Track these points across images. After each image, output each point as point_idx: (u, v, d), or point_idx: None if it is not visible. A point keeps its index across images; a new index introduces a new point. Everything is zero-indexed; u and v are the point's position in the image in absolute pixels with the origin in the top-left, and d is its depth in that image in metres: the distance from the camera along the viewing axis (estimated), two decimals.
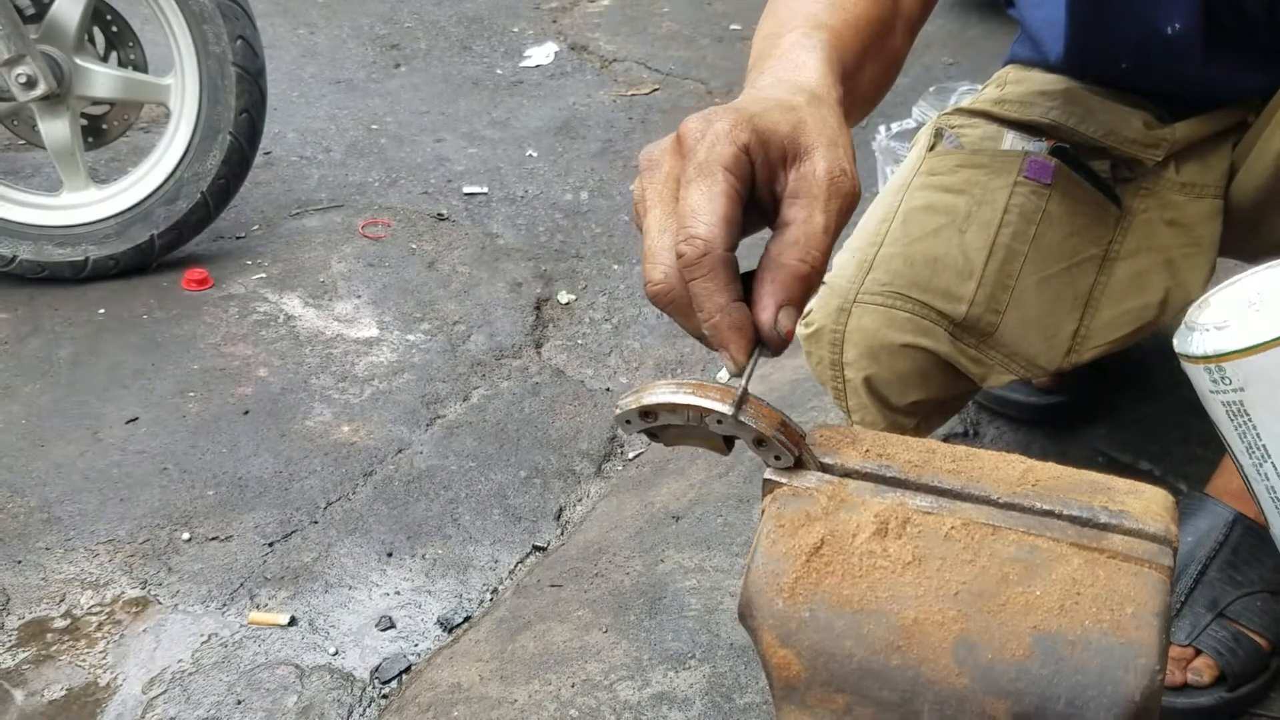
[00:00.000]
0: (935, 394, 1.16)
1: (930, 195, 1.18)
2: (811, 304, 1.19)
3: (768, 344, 0.65)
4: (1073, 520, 0.61)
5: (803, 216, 0.63)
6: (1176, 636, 1.10)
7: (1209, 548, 1.12)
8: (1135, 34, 1.13)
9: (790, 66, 0.73)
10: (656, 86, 3.12)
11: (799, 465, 0.66)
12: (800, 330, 1.20)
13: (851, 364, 1.15)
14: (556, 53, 3.36)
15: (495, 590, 1.56)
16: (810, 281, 0.64)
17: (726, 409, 0.65)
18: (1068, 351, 1.17)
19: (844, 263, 1.17)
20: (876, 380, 1.14)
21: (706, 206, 0.61)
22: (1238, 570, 1.11)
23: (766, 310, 0.63)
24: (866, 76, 0.88)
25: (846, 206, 0.65)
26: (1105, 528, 0.60)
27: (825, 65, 0.74)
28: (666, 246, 0.63)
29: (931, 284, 1.12)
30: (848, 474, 0.66)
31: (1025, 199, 1.16)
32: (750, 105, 0.66)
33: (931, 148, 1.24)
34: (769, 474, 0.67)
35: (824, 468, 0.66)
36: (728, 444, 0.70)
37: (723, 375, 0.66)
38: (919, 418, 1.19)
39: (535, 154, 2.77)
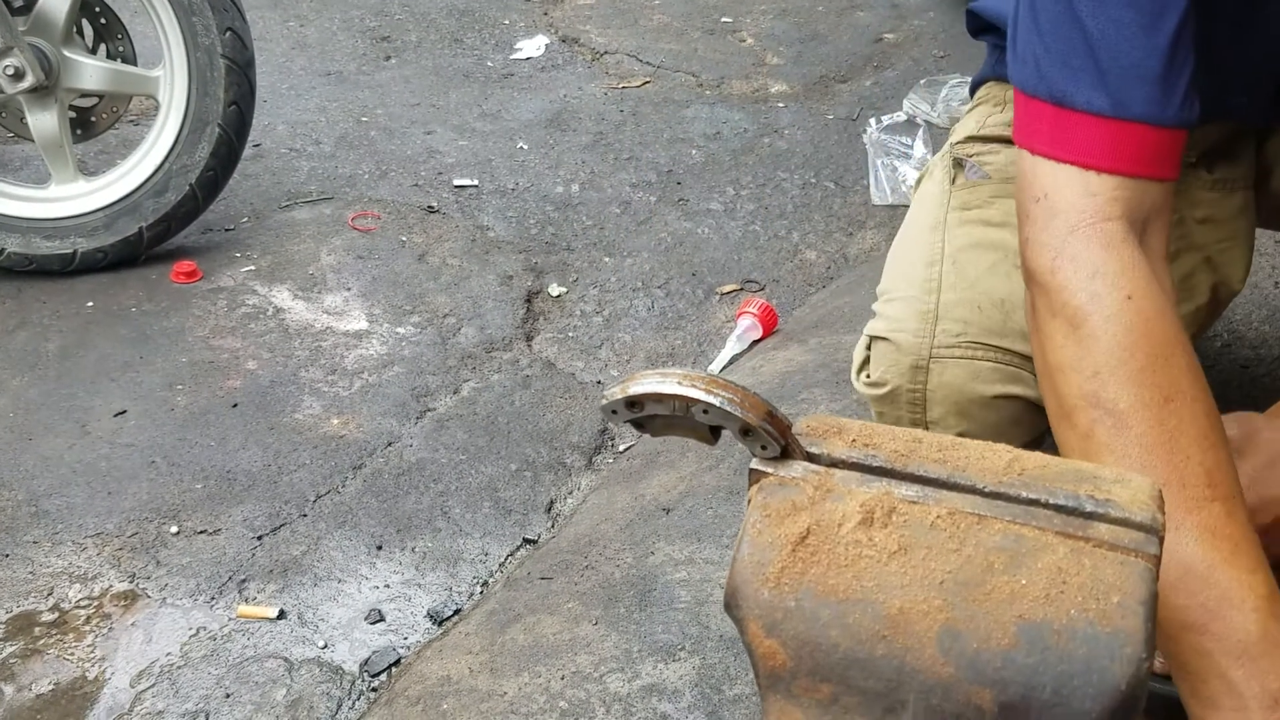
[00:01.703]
0: (1031, 436, 1.11)
1: (973, 231, 1.12)
2: (873, 362, 1.13)
3: None
4: (1058, 509, 0.61)
5: None
6: None
7: None
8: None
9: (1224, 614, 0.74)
10: (647, 79, 3.12)
11: (785, 455, 0.66)
12: (865, 390, 1.14)
13: (938, 422, 1.10)
14: (547, 45, 3.35)
15: (485, 583, 1.55)
16: None
17: (712, 398, 0.64)
18: None
19: (901, 315, 1.10)
20: (971, 436, 1.10)
21: None
22: None
23: None
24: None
25: None
26: (1091, 516, 0.60)
27: (1237, 572, 0.74)
28: None
29: (1006, 327, 1.06)
30: (834, 463, 0.65)
31: None
32: None
33: (953, 179, 1.18)
34: (755, 464, 0.66)
35: (810, 457, 0.66)
36: (714, 434, 0.69)
37: (714, 367, 0.66)
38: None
39: (526, 146, 2.76)
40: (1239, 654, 0.71)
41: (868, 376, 1.13)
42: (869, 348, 1.14)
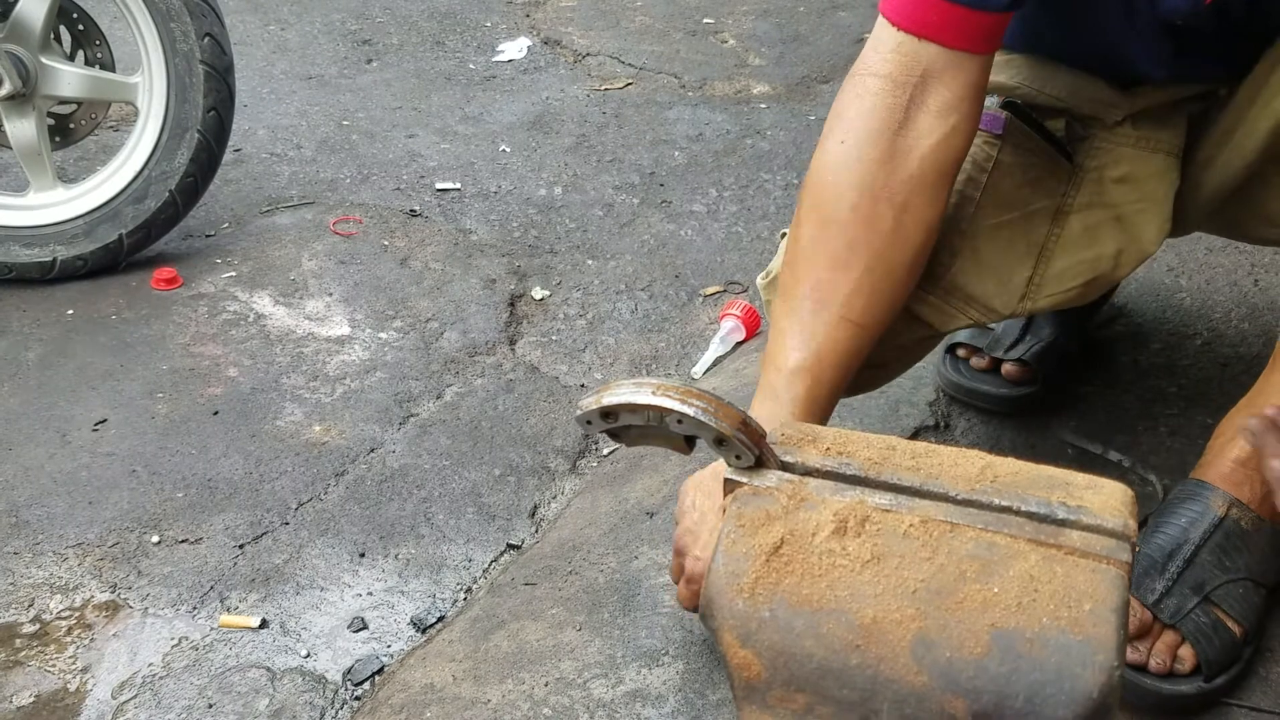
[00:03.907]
0: (894, 339, 1.18)
1: None
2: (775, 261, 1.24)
3: None
4: (1030, 516, 0.61)
5: None
6: (1162, 614, 1.10)
7: (1204, 529, 1.12)
8: (1097, 54, 1.14)
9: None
10: (630, 81, 3.11)
11: (760, 464, 0.66)
12: (760, 282, 1.26)
13: None
14: (529, 47, 3.34)
15: (469, 589, 1.55)
16: None
17: (686, 409, 0.64)
18: (1021, 297, 1.20)
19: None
20: None
21: None
22: (1228, 556, 1.12)
23: None
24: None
25: None
26: (1063, 523, 0.60)
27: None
28: None
29: None
30: (808, 472, 0.66)
31: (977, 148, 1.19)
32: None
33: None
34: (729, 473, 0.67)
35: (785, 466, 0.66)
36: (689, 443, 0.69)
37: (698, 370, 0.67)
38: (878, 365, 1.21)
39: (508, 149, 2.76)
40: (773, 368, 1.04)
41: (766, 268, 1.26)
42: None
